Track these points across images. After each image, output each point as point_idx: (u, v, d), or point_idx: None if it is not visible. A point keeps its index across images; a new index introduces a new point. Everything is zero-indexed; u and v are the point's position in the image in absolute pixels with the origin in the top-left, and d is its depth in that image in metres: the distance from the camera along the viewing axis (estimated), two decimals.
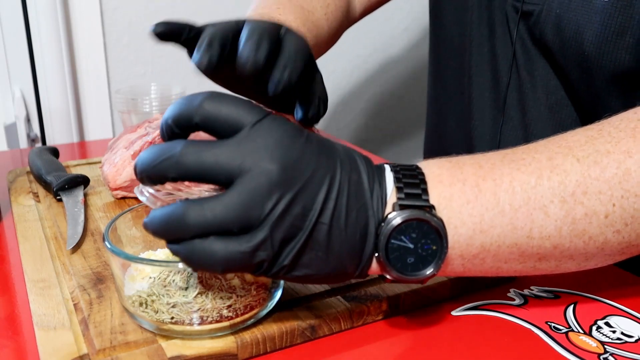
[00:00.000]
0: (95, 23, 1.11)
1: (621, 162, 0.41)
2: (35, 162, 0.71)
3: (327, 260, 0.38)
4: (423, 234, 0.39)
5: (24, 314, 0.46)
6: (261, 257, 0.36)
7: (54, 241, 0.56)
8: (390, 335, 0.45)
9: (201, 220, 0.35)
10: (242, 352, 0.41)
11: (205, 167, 0.35)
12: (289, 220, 0.36)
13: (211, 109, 0.36)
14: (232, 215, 0.35)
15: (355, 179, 0.38)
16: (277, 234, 0.36)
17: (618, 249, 0.43)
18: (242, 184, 0.35)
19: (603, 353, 0.43)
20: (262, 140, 0.36)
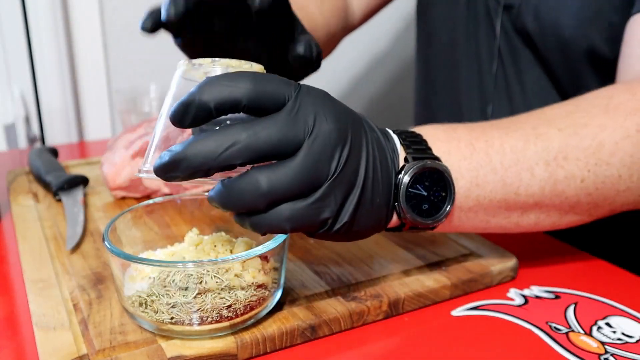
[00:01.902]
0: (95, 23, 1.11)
1: (596, 135, 0.46)
2: (34, 162, 0.71)
3: (373, 211, 0.41)
4: (434, 182, 0.43)
5: (24, 314, 0.46)
6: (325, 215, 0.38)
7: (54, 241, 0.56)
8: (390, 335, 0.45)
9: (277, 185, 0.36)
10: (242, 352, 0.41)
11: (275, 143, 0.36)
12: (347, 175, 0.38)
13: (257, 89, 0.36)
14: (305, 176, 0.37)
15: (376, 137, 0.42)
16: (339, 190, 0.38)
17: (586, 209, 0.49)
18: (309, 147, 0.37)
19: (604, 353, 0.42)
20: (311, 106, 0.37)
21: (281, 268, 0.44)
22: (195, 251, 0.46)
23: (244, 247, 0.46)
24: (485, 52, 0.73)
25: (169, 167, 0.36)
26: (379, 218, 0.42)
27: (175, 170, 0.36)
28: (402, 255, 0.53)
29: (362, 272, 0.50)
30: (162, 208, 0.50)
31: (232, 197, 0.37)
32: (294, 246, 0.55)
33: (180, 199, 0.50)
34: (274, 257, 0.43)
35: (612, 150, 0.46)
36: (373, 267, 0.51)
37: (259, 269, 0.42)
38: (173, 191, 0.66)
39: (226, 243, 0.46)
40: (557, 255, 0.57)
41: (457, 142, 0.46)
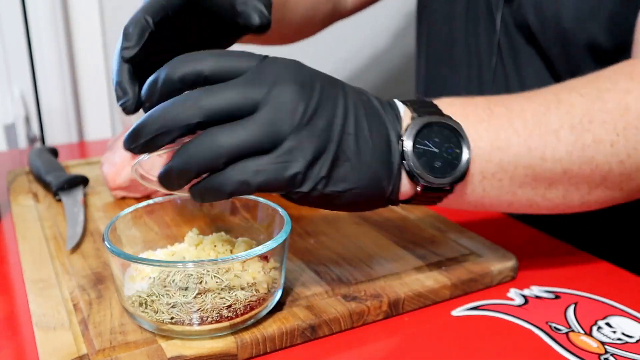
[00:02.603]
0: (94, 23, 1.11)
1: (621, 99, 0.44)
2: (34, 162, 0.71)
3: (361, 169, 0.40)
4: (445, 138, 0.42)
5: (24, 314, 0.46)
6: (293, 169, 0.37)
7: (54, 241, 0.56)
8: (390, 335, 0.45)
9: (236, 139, 0.36)
10: (242, 352, 0.41)
11: (230, 100, 0.36)
12: (317, 130, 0.38)
13: (219, 60, 0.37)
14: (265, 129, 0.36)
15: (365, 100, 0.41)
16: (307, 144, 0.37)
17: (618, 181, 0.45)
18: (268, 104, 0.37)
19: (604, 353, 0.42)
20: (274, 69, 0.38)
21: (281, 268, 0.44)
22: (195, 251, 0.46)
23: (244, 247, 0.46)
24: (484, 48, 0.73)
25: (133, 136, 0.37)
26: (376, 179, 0.40)
27: (138, 137, 0.37)
28: (402, 255, 0.53)
29: (362, 272, 0.50)
30: (162, 208, 0.50)
31: (190, 157, 0.36)
32: (294, 246, 0.55)
33: (180, 199, 0.50)
34: (274, 257, 0.43)
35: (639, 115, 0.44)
36: (373, 267, 0.51)
37: (259, 269, 0.42)
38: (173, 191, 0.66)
39: (226, 243, 0.46)
40: (557, 255, 0.57)
41: (473, 107, 0.44)
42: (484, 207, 0.47)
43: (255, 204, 0.49)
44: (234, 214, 0.50)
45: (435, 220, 0.60)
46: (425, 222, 0.60)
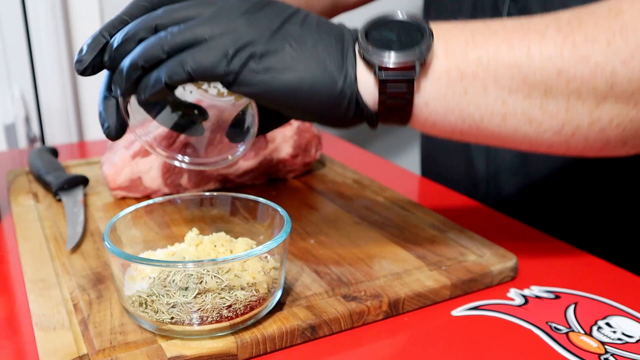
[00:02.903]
0: (95, 23, 1.11)
1: (613, 4, 0.40)
2: (34, 162, 0.71)
3: (304, 56, 0.39)
4: (404, 29, 0.40)
5: (24, 314, 0.46)
6: (224, 50, 0.38)
7: (54, 241, 0.56)
8: (390, 335, 0.45)
9: (178, 36, 0.39)
10: (242, 352, 0.41)
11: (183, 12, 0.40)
12: (251, 18, 0.39)
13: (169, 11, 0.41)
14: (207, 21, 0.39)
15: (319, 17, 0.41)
16: (242, 27, 0.39)
17: (629, 90, 0.39)
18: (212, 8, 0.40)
19: (604, 353, 0.42)
20: None
21: (281, 268, 0.44)
22: (195, 251, 0.46)
23: (244, 247, 0.46)
24: None
25: None
26: (322, 65, 0.39)
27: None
28: (402, 255, 0.53)
29: (362, 272, 0.50)
30: (162, 208, 0.50)
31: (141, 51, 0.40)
32: (294, 246, 0.55)
33: (180, 199, 0.50)
34: (274, 257, 0.43)
35: (636, 17, 0.39)
36: (373, 267, 0.51)
37: (259, 269, 0.42)
38: (173, 191, 0.66)
39: (226, 243, 0.46)
40: (557, 255, 0.57)
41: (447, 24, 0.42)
42: (474, 121, 0.41)
43: (255, 204, 0.49)
44: (234, 214, 0.50)
45: (435, 220, 0.60)
46: (425, 222, 0.60)
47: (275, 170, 0.71)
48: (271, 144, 0.69)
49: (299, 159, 0.71)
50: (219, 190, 0.68)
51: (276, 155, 0.70)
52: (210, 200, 0.51)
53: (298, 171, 0.73)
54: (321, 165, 0.77)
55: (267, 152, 0.69)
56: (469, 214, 0.66)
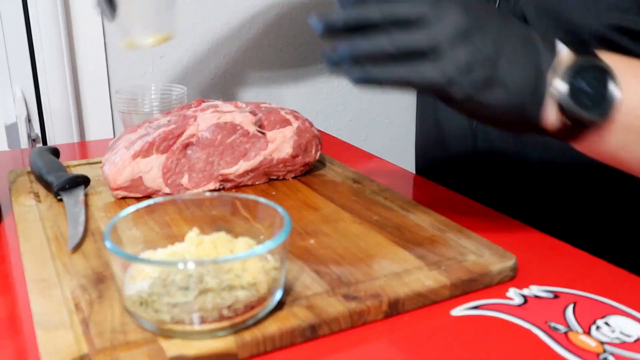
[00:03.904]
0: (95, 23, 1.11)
1: None
2: (35, 162, 0.71)
3: (512, 91, 0.46)
4: (596, 78, 0.46)
5: (25, 314, 0.46)
6: (448, 74, 0.45)
7: (55, 241, 0.56)
8: (390, 335, 0.45)
9: (403, 42, 0.46)
10: (242, 352, 0.41)
11: (406, 13, 0.46)
12: (472, 45, 0.45)
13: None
14: (429, 39, 0.45)
15: (525, 32, 0.48)
16: (462, 55, 0.45)
17: None
18: (436, 19, 0.45)
19: (602, 353, 0.43)
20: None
21: (281, 268, 0.44)
22: (195, 251, 0.46)
23: (244, 247, 0.46)
24: None
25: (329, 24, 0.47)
26: (522, 103, 0.46)
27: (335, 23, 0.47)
28: (402, 255, 0.53)
29: (362, 272, 0.50)
30: (163, 208, 0.50)
31: (367, 46, 0.46)
32: (294, 246, 0.55)
33: (180, 199, 0.51)
34: (274, 257, 0.43)
35: None
36: (373, 267, 0.51)
37: (259, 269, 0.42)
38: (174, 191, 0.66)
39: (226, 243, 0.46)
40: (556, 255, 0.57)
41: (626, 62, 0.48)
42: (618, 159, 0.49)
43: (255, 204, 0.49)
44: (234, 214, 0.50)
45: (435, 220, 0.60)
46: (425, 222, 0.60)
47: (275, 170, 0.71)
48: (271, 144, 0.69)
49: (299, 159, 0.72)
50: (219, 190, 0.68)
51: (276, 155, 0.70)
52: (211, 200, 0.51)
53: (298, 171, 0.73)
54: (321, 165, 0.78)
55: (267, 152, 0.69)
56: (469, 213, 0.66)
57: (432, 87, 0.46)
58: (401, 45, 0.46)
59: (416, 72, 0.46)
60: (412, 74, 0.46)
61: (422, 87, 0.46)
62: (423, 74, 0.46)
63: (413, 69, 0.46)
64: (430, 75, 0.46)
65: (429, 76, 0.46)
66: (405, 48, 0.46)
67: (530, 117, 0.47)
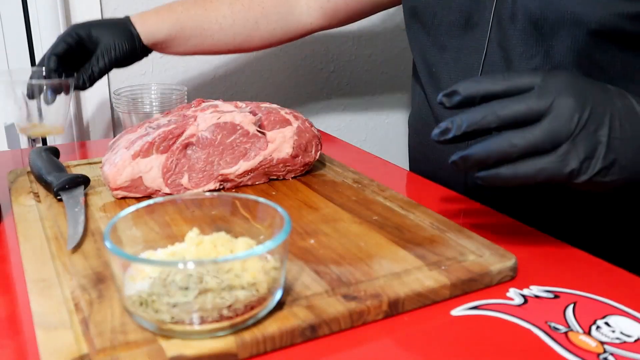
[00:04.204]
0: None
1: None
2: (35, 162, 0.71)
3: (626, 166, 0.50)
4: None
5: (25, 314, 0.46)
6: (570, 167, 0.49)
7: (55, 241, 0.56)
8: (390, 335, 0.45)
9: (524, 142, 0.49)
10: (242, 352, 0.41)
11: (521, 111, 0.49)
12: (589, 135, 0.49)
13: (508, 81, 0.51)
14: (547, 136, 0.48)
15: (629, 104, 0.51)
16: (581, 147, 0.49)
17: None
18: (550, 115, 0.49)
19: (602, 353, 0.43)
20: (555, 84, 0.50)
21: (281, 268, 0.44)
22: (195, 251, 0.46)
23: (244, 247, 0.46)
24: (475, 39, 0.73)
25: (445, 130, 0.51)
26: (637, 175, 0.51)
27: (450, 130, 0.51)
28: (402, 255, 0.53)
29: (362, 272, 0.50)
30: (163, 208, 0.50)
31: (491, 151, 0.49)
32: (294, 246, 0.55)
33: (180, 199, 0.51)
34: (274, 257, 0.43)
35: None
36: (373, 267, 0.51)
37: (259, 269, 0.42)
38: (174, 191, 0.66)
39: (226, 243, 0.46)
40: (556, 255, 0.57)
41: None
42: None
43: (255, 204, 0.49)
44: (234, 214, 0.50)
45: (435, 220, 0.60)
46: (425, 222, 0.60)
47: (275, 170, 0.71)
48: (271, 144, 0.69)
49: (299, 159, 0.72)
50: (219, 190, 0.68)
51: (276, 155, 0.70)
52: (211, 200, 0.51)
53: (298, 171, 0.73)
54: (321, 165, 0.78)
55: (267, 152, 0.69)
56: (469, 213, 0.66)
57: (555, 180, 0.50)
58: (522, 145, 0.48)
59: (539, 170, 0.49)
60: (535, 171, 0.49)
61: (545, 181, 0.49)
62: (546, 170, 0.49)
63: (535, 166, 0.49)
64: (553, 171, 0.49)
65: (552, 171, 0.49)
66: (526, 148, 0.49)
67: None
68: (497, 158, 0.49)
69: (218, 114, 0.68)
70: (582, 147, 0.49)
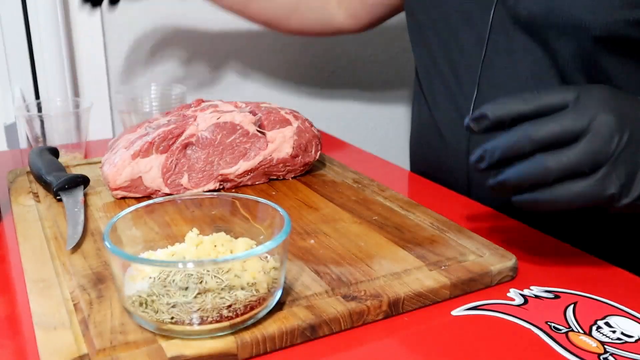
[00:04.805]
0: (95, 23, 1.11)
1: None
2: (35, 162, 0.71)
3: None
4: None
5: (24, 314, 0.46)
6: (610, 191, 0.46)
7: (54, 241, 0.56)
8: (390, 335, 0.45)
9: (560, 165, 0.45)
10: (242, 352, 0.41)
11: (555, 132, 0.46)
12: (628, 157, 0.46)
13: (539, 101, 0.47)
14: (585, 158, 0.45)
15: None
16: (621, 169, 0.46)
17: None
18: (588, 135, 0.45)
19: (603, 353, 0.43)
20: (591, 102, 0.46)
21: (281, 268, 0.44)
22: (195, 251, 0.46)
23: (244, 247, 0.46)
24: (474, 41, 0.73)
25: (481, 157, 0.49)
26: None
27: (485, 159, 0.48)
28: (402, 255, 0.53)
29: (362, 272, 0.50)
30: (162, 208, 0.50)
31: (526, 175, 0.46)
32: (294, 246, 0.55)
33: (180, 199, 0.51)
34: (274, 257, 0.43)
35: None
36: (373, 267, 0.51)
37: (259, 269, 0.42)
38: (173, 191, 0.66)
39: (226, 243, 0.46)
40: (556, 256, 0.57)
41: None
42: None
43: (255, 204, 0.49)
44: (233, 214, 0.50)
45: (435, 220, 0.60)
46: (426, 222, 0.60)
47: (275, 170, 0.71)
48: (271, 144, 0.69)
49: (299, 159, 0.71)
50: (219, 190, 0.68)
51: (276, 155, 0.70)
52: (211, 200, 0.51)
53: (298, 171, 0.73)
54: (321, 165, 0.78)
55: (267, 152, 0.69)
56: (469, 214, 0.66)
57: (594, 204, 0.47)
58: (558, 169, 0.46)
59: (577, 195, 0.46)
60: (572, 196, 0.46)
61: (583, 206, 0.47)
62: (585, 195, 0.46)
63: (573, 190, 0.46)
64: (593, 196, 0.46)
65: (591, 196, 0.46)
66: (563, 172, 0.46)
67: None
68: (532, 183, 0.47)
69: (218, 114, 0.68)
70: (623, 169, 0.46)
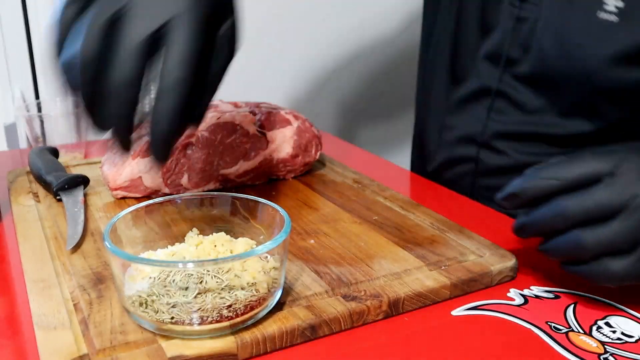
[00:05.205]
0: None
1: None
2: (35, 162, 0.71)
3: None
4: None
5: (24, 314, 0.46)
6: None
7: (54, 241, 0.56)
8: (390, 335, 0.45)
9: (598, 244, 0.44)
10: (242, 352, 0.41)
11: (592, 208, 0.44)
12: None
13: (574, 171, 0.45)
14: (622, 236, 0.43)
15: None
16: None
17: None
18: (627, 211, 0.43)
19: (603, 353, 0.43)
20: (629, 175, 0.44)
21: (281, 268, 0.44)
22: (195, 251, 0.46)
23: (244, 247, 0.46)
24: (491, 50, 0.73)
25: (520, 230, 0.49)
26: None
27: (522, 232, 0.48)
28: (402, 255, 0.53)
29: (362, 272, 0.50)
30: (163, 208, 0.50)
31: (560, 249, 0.46)
32: (294, 246, 0.55)
33: (180, 199, 0.51)
34: (274, 257, 0.43)
35: None
36: (373, 267, 0.51)
37: (259, 269, 0.42)
38: (173, 191, 0.66)
39: (226, 243, 0.46)
40: None
41: None
42: None
43: (255, 204, 0.49)
44: (234, 214, 0.50)
45: (435, 220, 0.60)
46: (425, 222, 0.60)
47: (275, 170, 0.71)
48: (271, 144, 0.69)
49: (299, 159, 0.71)
50: (219, 190, 0.68)
51: (276, 155, 0.70)
52: (211, 200, 0.51)
53: (298, 171, 0.73)
54: (321, 165, 0.77)
55: (267, 152, 0.69)
56: (469, 214, 0.66)
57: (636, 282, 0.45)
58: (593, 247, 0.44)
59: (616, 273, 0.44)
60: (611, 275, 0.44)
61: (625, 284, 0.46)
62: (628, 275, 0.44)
63: (611, 269, 0.44)
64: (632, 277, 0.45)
65: (634, 276, 0.45)
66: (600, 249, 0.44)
67: None
68: (569, 257, 0.46)
69: (218, 114, 0.68)
70: None
